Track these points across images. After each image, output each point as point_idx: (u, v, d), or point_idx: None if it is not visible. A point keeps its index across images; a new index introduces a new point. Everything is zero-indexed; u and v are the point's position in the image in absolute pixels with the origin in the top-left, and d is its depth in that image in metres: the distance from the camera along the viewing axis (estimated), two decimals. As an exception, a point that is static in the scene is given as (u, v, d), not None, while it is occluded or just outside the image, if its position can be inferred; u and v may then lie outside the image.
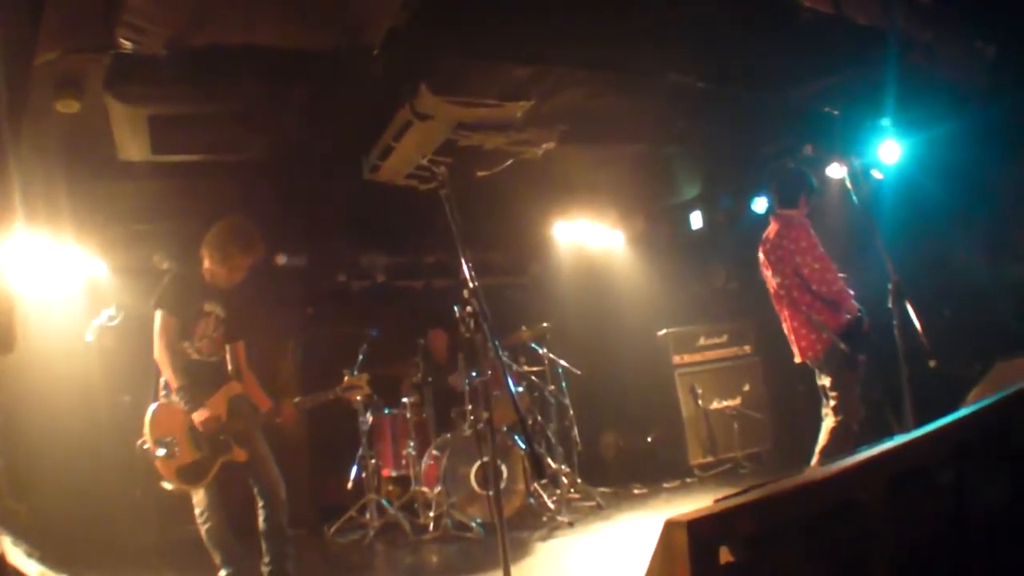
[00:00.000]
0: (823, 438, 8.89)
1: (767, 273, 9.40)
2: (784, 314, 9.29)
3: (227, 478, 8.12)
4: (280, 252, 13.40)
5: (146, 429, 7.88)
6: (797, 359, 9.31)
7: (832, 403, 8.94)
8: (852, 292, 9.03)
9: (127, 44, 7.57)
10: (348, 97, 9.69)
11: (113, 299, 11.73)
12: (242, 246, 8.37)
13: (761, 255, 9.47)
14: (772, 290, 9.41)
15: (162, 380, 8.21)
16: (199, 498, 8.06)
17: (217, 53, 8.26)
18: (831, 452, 8.68)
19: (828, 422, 8.93)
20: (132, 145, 9.98)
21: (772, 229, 9.46)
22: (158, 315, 8.14)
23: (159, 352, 8.07)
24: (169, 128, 9.64)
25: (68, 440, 11.16)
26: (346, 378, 9.29)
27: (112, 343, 11.60)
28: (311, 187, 12.30)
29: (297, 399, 8.59)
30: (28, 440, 10.79)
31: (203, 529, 8.11)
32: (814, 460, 8.88)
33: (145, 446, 7.83)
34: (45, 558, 7.01)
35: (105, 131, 9.54)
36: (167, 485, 7.87)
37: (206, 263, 8.43)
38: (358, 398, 10.28)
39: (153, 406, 8.04)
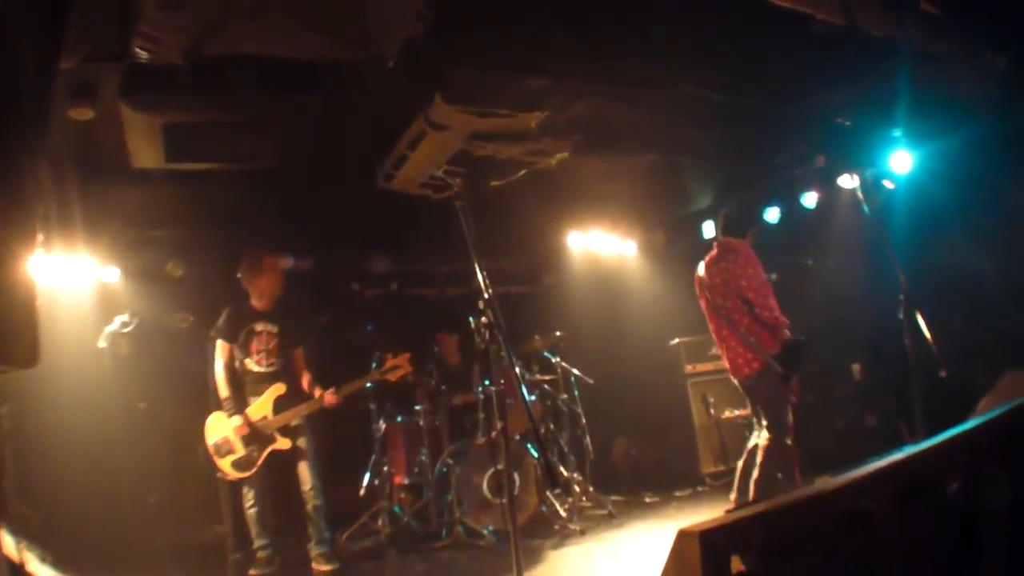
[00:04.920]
0: (759, 457, 9.09)
1: (706, 294, 9.63)
2: (723, 333, 9.50)
3: (271, 470, 9.96)
4: (290, 258, 13.44)
5: (206, 433, 9.89)
6: (733, 378, 9.58)
7: (765, 422, 9.17)
8: (787, 321, 9.22)
9: (143, 54, 7.62)
10: (362, 107, 9.74)
11: (126, 305, 11.78)
12: (252, 273, 10.22)
13: (704, 275, 9.68)
14: (709, 310, 9.65)
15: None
16: (249, 489, 9.86)
17: (232, 63, 8.32)
18: (768, 470, 8.98)
19: (762, 441, 9.15)
20: (146, 153, 10.03)
21: (713, 253, 9.73)
22: (217, 343, 10.11)
23: (216, 372, 10.03)
24: (183, 136, 9.68)
25: (81, 447, 11.20)
26: (389, 359, 10.47)
27: (126, 350, 11.64)
28: (324, 195, 12.34)
29: (332, 389, 10.09)
30: (41, 446, 10.81)
31: (249, 513, 9.87)
32: (754, 476, 9.03)
33: (211, 442, 9.81)
34: (58, 563, 7.07)
35: (118, 138, 9.59)
36: (225, 476, 9.86)
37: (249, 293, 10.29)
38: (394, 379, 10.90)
39: (210, 417, 9.96)
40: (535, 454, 11.22)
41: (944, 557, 3.83)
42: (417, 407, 12.38)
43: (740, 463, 9.56)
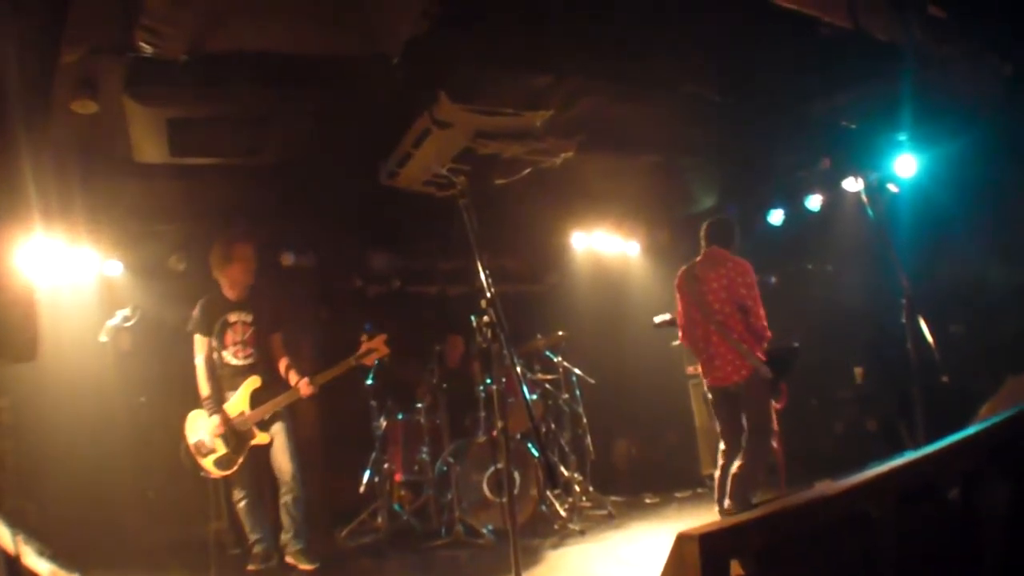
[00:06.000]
0: (742, 458, 9.27)
1: (696, 298, 9.62)
2: (711, 339, 9.51)
3: (257, 463, 9.86)
4: (292, 254, 13.44)
5: (186, 432, 9.82)
6: (718, 383, 9.59)
7: (750, 426, 9.29)
8: (771, 334, 9.40)
9: (146, 48, 7.62)
10: (367, 104, 9.74)
11: (128, 299, 11.77)
12: (222, 259, 9.97)
13: (701, 278, 9.66)
14: (697, 314, 9.66)
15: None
16: (235, 486, 9.84)
17: (236, 58, 8.32)
18: (751, 472, 9.19)
19: (745, 444, 9.30)
20: (149, 147, 10.04)
21: (705, 260, 9.81)
22: (195, 338, 9.97)
23: (197, 368, 9.90)
24: (187, 131, 9.71)
25: (81, 440, 11.19)
26: (363, 343, 10.23)
27: (127, 344, 11.64)
28: (327, 192, 12.33)
29: (306, 379, 9.79)
30: (41, 440, 10.84)
31: (239, 508, 9.85)
32: (733, 472, 9.17)
33: (191, 442, 9.75)
34: (56, 557, 7.06)
35: (120, 132, 9.60)
36: (209, 475, 9.72)
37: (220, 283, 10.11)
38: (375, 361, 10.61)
39: (190, 414, 9.89)
40: (536, 453, 11.21)
41: (943, 563, 3.83)
42: (418, 405, 12.35)
43: (718, 473, 9.60)
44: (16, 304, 3.43)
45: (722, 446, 9.63)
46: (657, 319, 11.55)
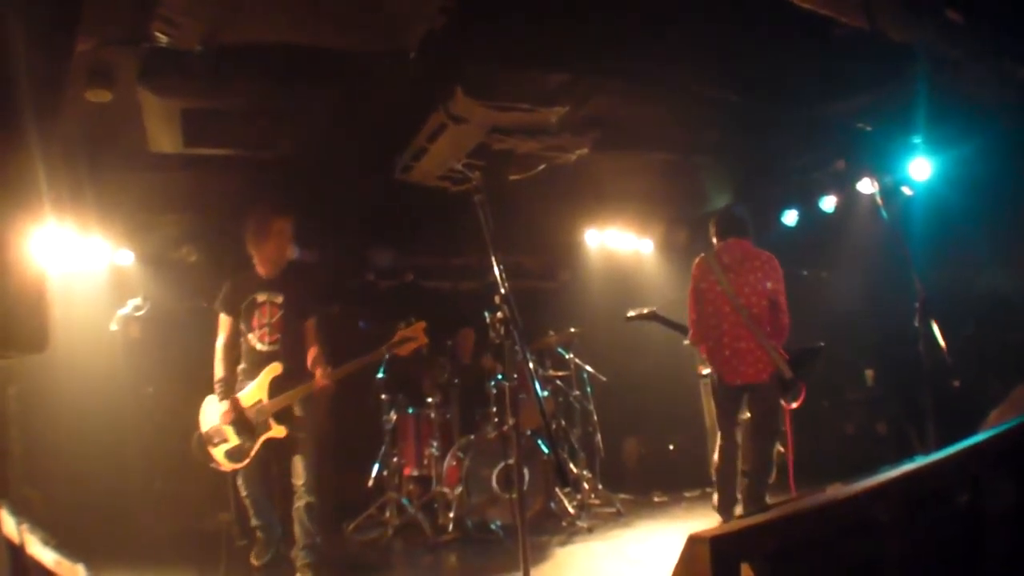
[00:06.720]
0: (749, 464, 9.31)
1: (726, 288, 9.27)
2: (738, 333, 9.17)
3: (270, 459, 9.26)
4: (298, 248, 13.41)
5: (199, 420, 9.07)
6: (739, 380, 9.22)
7: (762, 427, 9.21)
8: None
9: (162, 38, 7.63)
10: (382, 98, 9.73)
11: (138, 289, 11.78)
12: (257, 234, 9.20)
13: (731, 267, 9.39)
14: (725, 306, 9.30)
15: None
16: (241, 477, 9.05)
17: (251, 51, 8.32)
18: (756, 480, 9.16)
19: (755, 444, 9.25)
20: (164, 137, 10.04)
21: (735, 252, 9.47)
22: (220, 317, 9.17)
23: (216, 349, 9.10)
24: (202, 122, 9.70)
25: (88, 429, 11.21)
26: (400, 330, 9.78)
27: (137, 333, 11.65)
28: (341, 185, 12.33)
29: (327, 370, 9.06)
30: (48, 428, 10.84)
31: (245, 501, 9.12)
32: (745, 478, 9.27)
33: (204, 429, 9.00)
34: (61, 547, 7.07)
35: (132, 122, 9.59)
36: (219, 467, 8.98)
37: (254, 259, 9.27)
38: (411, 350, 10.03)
39: (204, 401, 9.13)
40: (546, 450, 11.20)
41: (951, 568, 3.82)
42: (428, 399, 12.42)
43: (716, 473, 9.54)
44: (27, 294, 3.42)
45: (719, 441, 9.47)
46: (631, 312, 11.31)
